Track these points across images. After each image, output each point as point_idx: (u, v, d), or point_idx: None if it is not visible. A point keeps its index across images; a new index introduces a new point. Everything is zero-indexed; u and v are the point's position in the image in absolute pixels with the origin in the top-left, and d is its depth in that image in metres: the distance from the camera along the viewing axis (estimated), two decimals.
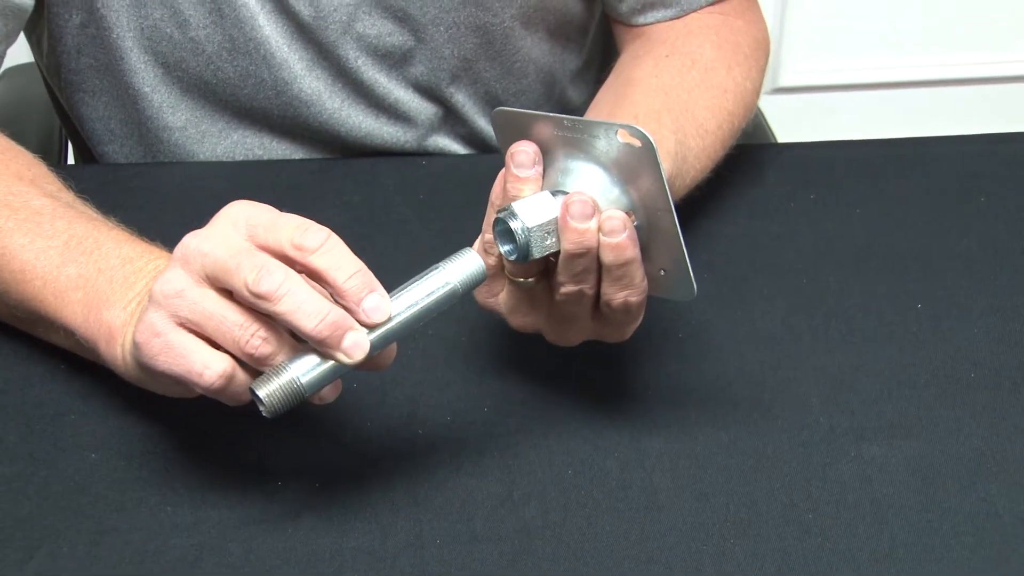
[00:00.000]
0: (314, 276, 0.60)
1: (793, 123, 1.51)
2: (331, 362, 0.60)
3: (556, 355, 0.70)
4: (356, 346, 0.59)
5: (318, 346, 0.59)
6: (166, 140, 0.93)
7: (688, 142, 0.80)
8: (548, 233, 0.64)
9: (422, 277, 0.62)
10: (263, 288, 0.58)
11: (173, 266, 0.61)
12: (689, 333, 0.77)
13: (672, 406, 0.73)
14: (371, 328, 0.60)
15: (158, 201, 0.86)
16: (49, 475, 0.68)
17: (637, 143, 0.62)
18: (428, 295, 0.62)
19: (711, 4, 0.90)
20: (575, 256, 0.63)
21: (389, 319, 0.60)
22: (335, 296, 0.60)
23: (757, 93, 0.90)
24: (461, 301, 0.63)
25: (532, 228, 0.63)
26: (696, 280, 0.64)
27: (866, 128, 1.97)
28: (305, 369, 0.60)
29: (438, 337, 0.76)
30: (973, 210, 0.88)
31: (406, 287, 0.62)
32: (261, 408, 0.60)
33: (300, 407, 0.61)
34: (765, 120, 1.11)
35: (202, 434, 0.70)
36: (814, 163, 0.92)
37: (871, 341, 0.77)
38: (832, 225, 0.86)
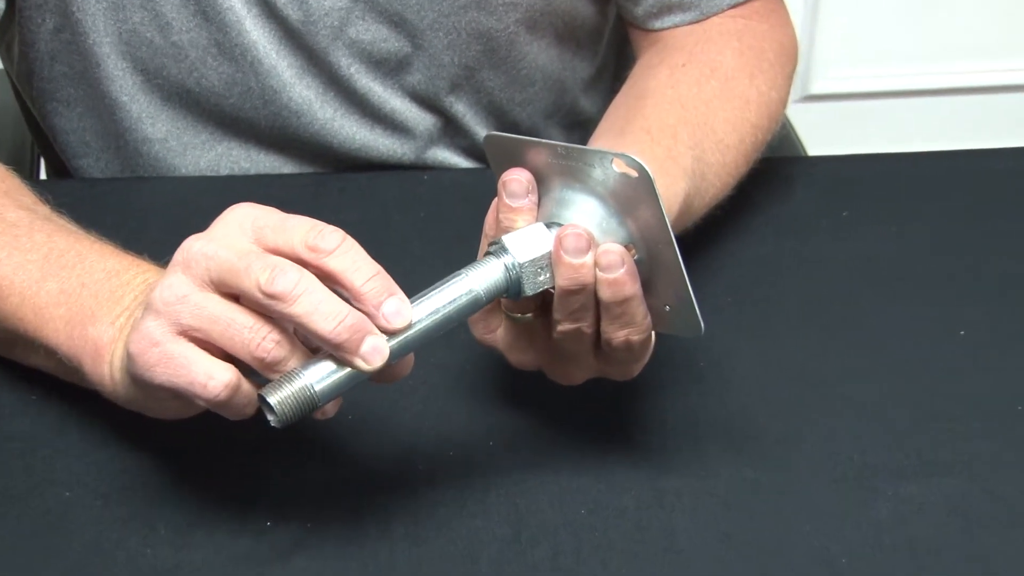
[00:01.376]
0: (328, 280, 0.60)
1: (824, 134, 1.52)
2: (346, 369, 0.60)
3: (567, 386, 0.71)
4: (375, 351, 0.60)
5: (335, 351, 0.60)
6: (145, 153, 0.93)
7: (707, 158, 0.81)
8: (541, 268, 0.64)
9: (444, 283, 0.63)
10: (278, 288, 0.58)
11: (174, 271, 0.61)
12: (711, 362, 0.78)
13: (692, 441, 0.73)
14: (391, 334, 0.61)
15: (137, 218, 0.87)
16: (20, 514, 0.68)
17: (634, 173, 0.62)
18: (450, 302, 0.62)
19: (733, 7, 0.91)
20: (570, 293, 0.64)
21: (410, 325, 0.61)
22: (353, 300, 0.60)
23: (783, 103, 0.90)
24: (465, 328, 0.64)
25: (524, 264, 0.63)
26: (704, 316, 0.64)
27: (904, 139, 1.98)
28: (319, 376, 0.60)
29: (441, 366, 0.76)
30: (1021, 229, 0.88)
31: (427, 293, 0.62)
32: (271, 418, 0.60)
33: (299, 433, 0.61)
34: (794, 131, 1.12)
35: (185, 470, 0.70)
36: (847, 178, 0.93)
37: (908, 371, 0.77)
38: (866, 245, 0.86)
